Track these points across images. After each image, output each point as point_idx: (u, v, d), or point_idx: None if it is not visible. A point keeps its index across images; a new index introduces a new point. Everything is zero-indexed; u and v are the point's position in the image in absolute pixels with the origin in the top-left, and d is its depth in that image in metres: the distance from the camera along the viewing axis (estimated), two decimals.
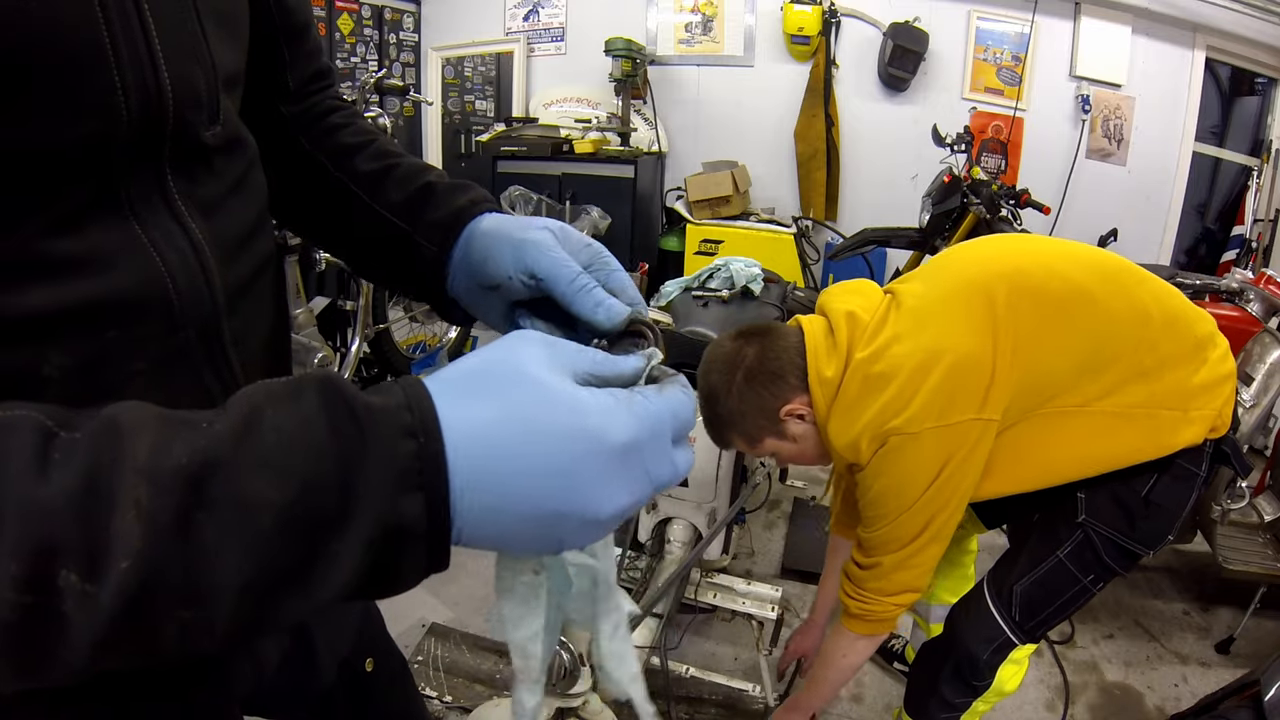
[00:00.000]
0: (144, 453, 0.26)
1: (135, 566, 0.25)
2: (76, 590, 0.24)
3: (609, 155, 3.72)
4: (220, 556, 0.26)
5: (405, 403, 0.30)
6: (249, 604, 0.27)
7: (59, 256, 0.34)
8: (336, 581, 0.29)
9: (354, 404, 0.29)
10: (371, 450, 0.29)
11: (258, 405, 0.29)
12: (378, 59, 4.29)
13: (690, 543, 1.63)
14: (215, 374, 0.42)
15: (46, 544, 0.24)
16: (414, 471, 0.29)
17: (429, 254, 0.50)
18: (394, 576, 0.31)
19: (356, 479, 0.28)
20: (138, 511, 0.25)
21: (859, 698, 1.75)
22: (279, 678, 0.58)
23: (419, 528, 0.29)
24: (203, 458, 0.27)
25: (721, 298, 1.74)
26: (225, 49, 0.42)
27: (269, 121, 0.55)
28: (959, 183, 3.03)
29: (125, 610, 0.25)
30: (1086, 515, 1.16)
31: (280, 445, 0.28)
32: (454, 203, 0.51)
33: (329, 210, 0.56)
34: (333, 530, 0.28)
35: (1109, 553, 1.16)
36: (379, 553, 0.29)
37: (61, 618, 0.24)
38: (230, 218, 0.44)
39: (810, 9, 3.78)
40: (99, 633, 0.25)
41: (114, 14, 0.34)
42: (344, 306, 2.60)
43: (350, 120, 0.58)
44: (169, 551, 0.25)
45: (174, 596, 0.26)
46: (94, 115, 0.34)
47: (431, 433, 0.29)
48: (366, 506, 0.28)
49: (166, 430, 0.27)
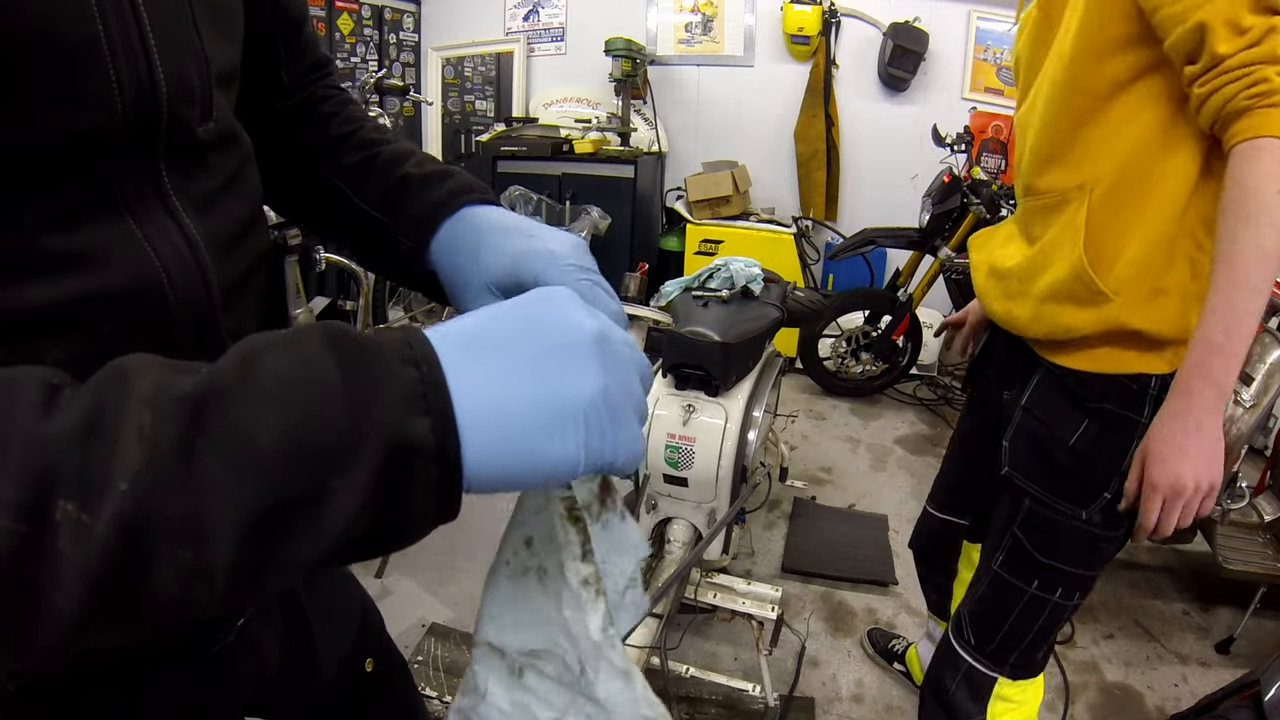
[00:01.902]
0: (149, 386, 0.26)
1: (133, 490, 0.24)
2: (73, 520, 0.24)
3: (609, 155, 3.72)
4: (222, 484, 0.25)
5: (404, 338, 0.31)
6: (251, 543, 0.26)
7: (55, 252, 0.34)
8: (344, 514, 0.28)
9: (354, 339, 0.30)
10: (376, 378, 0.29)
11: (260, 346, 0.29)
12: (378, 59, 4.29)
13: (690, 543, 1.63)
14: None
15: (46, 473, 0.24)
16: (418, 396, 0.29)
17: (406, 248, 0.51)
18: (404, 512, 0.30)
19: (360, 404, 0.28)
20: (139, 436, 0.25)
21: (859, 698, 1.75)
22: (279, 678, 0.58)
23: (428, 448, 0.29)
24: (206, 387, 0.27)
25: (721, 298, 1.74)
26: (219, 45, 0.42)
27: (263, 117, 0.56)
28: (959, 183, 3.04)
29: (121, 541, 0.24)
30: (1009, 466, 1.07)
31: (282, 377, 0.28)
32: (430, 197, 0.51)
33: (318, 203, 0.57)
34: (338, 457, 0.27)
35: (1039, 540, 1.04)
36: (388, 480, 0.28)
37: (56, 554, 0.24)
38: (225, 213, 0.44)
39: (810, 9, 3.78)
40: (94, 568, 0.24)
41: (108, 8, 0.34)
42: (344, 306, 2.60)
43: (339, 109, 0.59)
44: (169, 478, 0.25)
45: (172, 531, 0.25)
46: (89, 109, 0.34)
47: (431, 361, 0.30)
48: (373, 432, 0.28)
49: (171, 369, 0.27)
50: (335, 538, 0.28)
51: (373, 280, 2.65)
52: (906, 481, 2.78)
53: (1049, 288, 0.99)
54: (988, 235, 1.22)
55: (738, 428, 1.54)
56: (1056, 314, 0.99)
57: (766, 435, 1.82)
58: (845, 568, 2.20)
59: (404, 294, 3.09)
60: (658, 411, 1.57)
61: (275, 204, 0.61)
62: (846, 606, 2.07)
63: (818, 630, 1.96)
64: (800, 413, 3.25)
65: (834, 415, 3.32)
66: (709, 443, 1.53)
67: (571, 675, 0.39)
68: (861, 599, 2.10)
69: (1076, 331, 0.97)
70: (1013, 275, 1.08)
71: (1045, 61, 0.99)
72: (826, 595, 2.11)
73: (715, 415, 1.55)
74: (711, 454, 1.53)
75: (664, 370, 1.63)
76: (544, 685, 0.40)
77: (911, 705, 1.72)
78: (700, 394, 1.58)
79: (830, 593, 2.12)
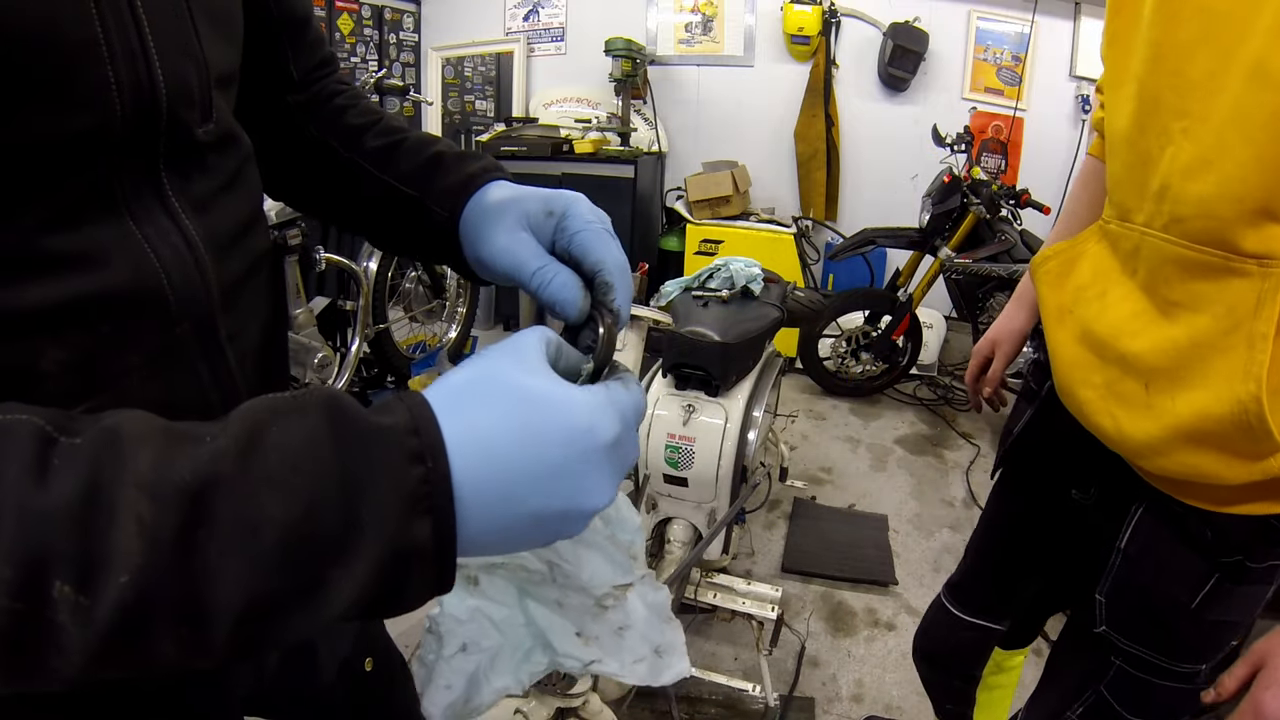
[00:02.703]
0: (146, 467, 0.26)
1: (134, 582, 0.24)
2: (70, 601, 0.24)
3: (609, 155, 3.72)
4: (222, 576, 0.26)
5: (412, 425, 0.30)
6: (250, 625, 0.27)
7: (55, 252, 0.35)
8: (341, 604, 0.28)
9: (360, 424, 0.29)
10: (380, 475, 0.28)
11: (262, 421, 0.28)
12: (378, 59, 4.29)
13: (690, 543, 1.63)
14: (211, 368, 0.43)
15: (41, 552, 0.24)
16: (423, 496, 0.29)
17: (440, 219, 0.51)
18: (399, 599, 0.30)
19: (363, 502, 0.28)
20: (139, 527, 0.25)
21: (859, 698, 1.75)
22: (279, 678, 0.58)
23: (427, 550, 0.29)
24: (206, 474, 0.26)
25: (721, 298, 1.74)
26: (218, 47, 0.43)
27: (276, 112, 0.56)
28: (959, 183, 3.04)
29: (121, 625, 0.25)
30: (1107, 625, 0.84)
31: (284, 464, 0.27)
32: (464, 170, 0.52)
33: (340, 188, 0.57)
34: (338, 553, 0.28)
35: (1132, 699, 0.84)
36: (386, 576, 0.29)
37: (55, 627, 0.24)
38: (224, 214, 0.44)
39: (810, 9, 3.78)
40: (93, 645, 0.25)
41: (107, 10, 0.34)
42: (344, 306, 2.60)
43: (355, 101, 0.59)
44: (169, 569, 0.25)
45: (172, 615, 0.25)
46: (88, 110, 0.34)
47: (438, 455, 0.29)
48: (375, 531, 0.28)
49: (169, 444, 0.27)
50: (332, 619, 0.29)
51: (373, 280, 2.65)
52: (906, 481, 2.78)
53: (1193, 421, 0.67)
54: (1068, 260, 0.84)
55: (738, 428, 1.54)
56: (1197, 459, 0.69)
57: (766, 435, 1.82)
58: (845, 568, 2.20)
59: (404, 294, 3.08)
60: (658, 411, 1.57)
61: (291, 197, 0.61)
62: (846, 606, 2.07)
63: (818, 630, 1.96)
64: (800, 413, 3.25)
65: (834, 415, 3.32)
66: (709, 443, 1.53)
67: (540, 575, 0.42)
68: (861, 599, 2.10)
69: (1221, 480, 0.69)
70: (1132, 367, 0.73)
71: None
72: (826, 595, 2.11)
73: (715, 415, 1.55)
74: (711, 454, 1.53)
75: (664, 370, 1.63)
76: (495, 587, 0.43)
77: (911, 705, 1.73)
78: (700, 394, 1.58)
79: (830, 593, 2.12)
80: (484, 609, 0.43)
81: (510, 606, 0.44)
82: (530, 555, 0.42)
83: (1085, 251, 0.83)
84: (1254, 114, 0.59)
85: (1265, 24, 0.57)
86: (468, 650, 0.44)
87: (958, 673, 1.23)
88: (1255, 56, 0.58)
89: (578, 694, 1.19)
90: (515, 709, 1.25)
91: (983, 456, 2.97)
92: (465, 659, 0.44)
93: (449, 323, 3.37)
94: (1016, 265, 2.93)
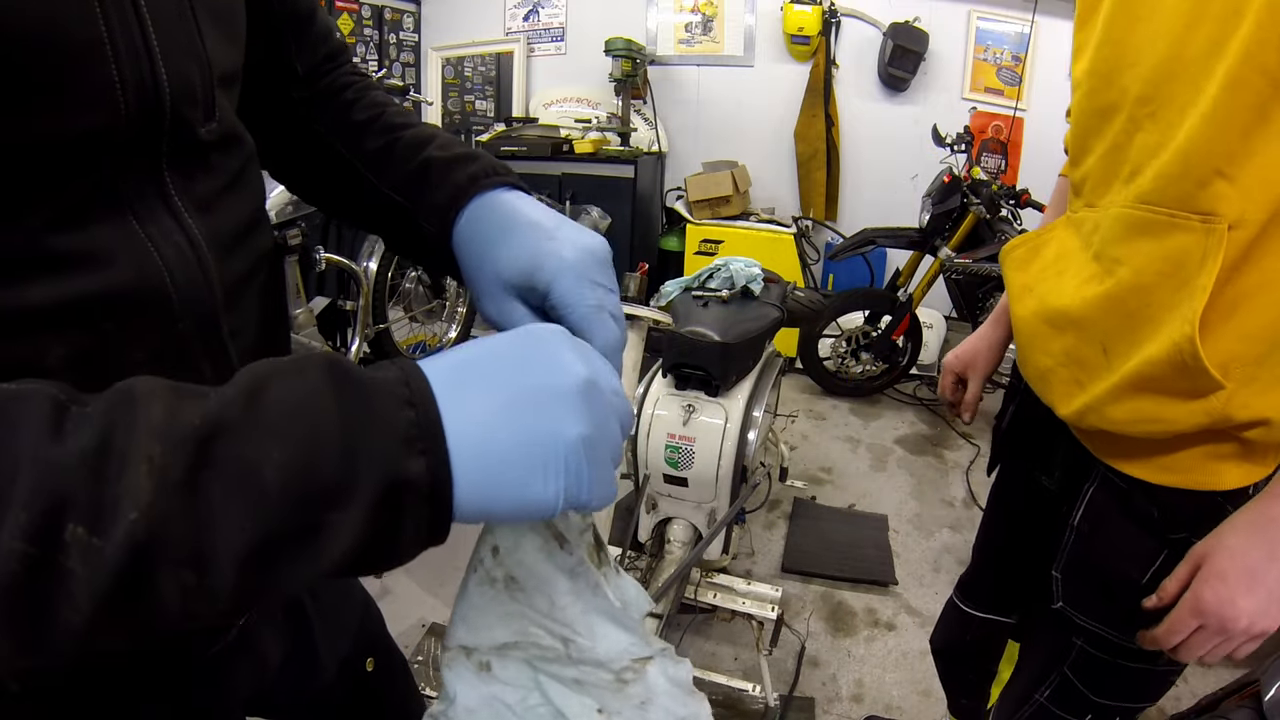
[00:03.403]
0: (158, 415, 0.27)
1: (144, 518, 0.25)
2: (83, 543, 0.25)
3: (609, 155, 3.72)
4: (225, 515, 0.27)
5: (403, 377, 0.32)
6: (251, 568, 0.28)
7: (60, 251, 0.35)
8: (340, 546, 0.29)
9: (356, 376, 0.31)
10: (374, 417, 0.30)
11: (264, 378, 0.30)
12: (378, 59, 4.29)
13: (690, 543, 1.63)
14: (214, 366, 0.43)
15: (57, 498, 0.25)
16: (414, 438, 0.31)
17: (430, 233, 0.51)
18: (395, 542, 0.31)
19: (360, 443, 0.29)
20: (149, 467, 0.26)
21: (859, 698, 1.75)
22: (280, 678, 0.58)
23: (422, 484, 0.31)
24: (213, 420, 0.28)
25: (721, 298, 1.74)
26: (221, 47, 0.43)
27: (282, 107, 0.56)
28: (959, 183, 3.04)
29: (129, 565, 0.25)
30: (1063, 602, 0.86)
31: (285, 412, 0.29)
32: (451, 182, 0.51)
33: (342, 189, 0.57)
34: (337, 493, 0.29)
35: (1095, 680, 0.85)
36: (383, 515, 0.30)
37: (65, 573, 0.25)
38: (227, 214, 0.45)
39: (810, 9, 3.78)
40: (102, 588, 0.25)
41: (111, 10, 0.34)
42: (344, 306, 2.60)
43: (362, 94, 0.58)
44: (176, 507, 0.26)
45: (178, 556, 0.26)
46: (94, 110, 0.35)
47: (428, 401, 0.31)
48: (371, 469, 0.29)
49: (179, 398, 0.28)
50: (331, 564, 0.30)
51: (373, 280, 2.65)
52: (906, 481, 2.78)
53: (1137, 368, 0.69)
54: (1034, 247, 0.89)
55: (738, 428, 1.54)
56: (1140, 403, 0.71)
57: (766, 435, 1.82)
58: (845, 568, 2.20)
59: (404, 294, 3.09)
60: (658, 411, 1.58)
61: (300, 191, 0.61)
62: (846, 606, 2.07)
63: (818, 630, 1.96)
64: (800, 413, 3.26)
65: (834, 415, 3.32)
66: (709, 443, 1.53)
67: (555, 653, 0.41)
68: (861, 599, 2.10)
69: (1165, 425, 0.70)
70: (1086, 331, 0.76)
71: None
72: (826, 595, 2.11)
73: (715, 415, 1.55)
74: (711, 454, 1.53)
75: (664, 370, 1.63)
76: (509, 670, 0.42)
77: (911, 705, 1.73)
78: (700, 394, 1.58)
79: (830, 593, 2.12)
80: (499, 695, 0.42)
81: (526, 689, 0.42)
82: (543, 632, 0.41)
83: (1051, 238, 0.86)
84: (1217, 84, 0.62)
85: (1215, 10, 0.62)
86: None
87: (973, 667, 1.25)
88: (1209, 35, 0.62)
89: None
90: None
91: (982, 456, 2.97)
92: None
93: (449, 323, 3.38)
94: None
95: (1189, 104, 0.64)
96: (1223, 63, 0.61)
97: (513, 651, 0.41)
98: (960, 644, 1.23)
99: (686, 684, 0.44)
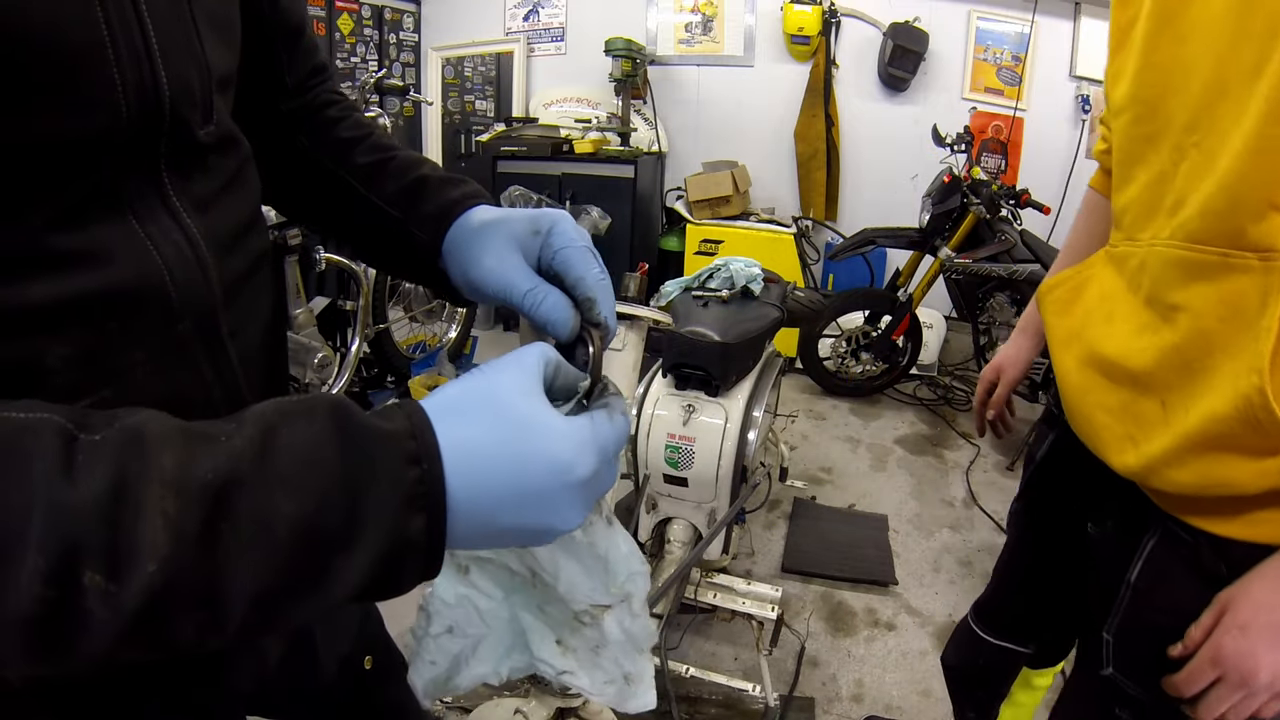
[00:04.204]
0: (170, 466, 0.28)
1: (161, 571, 0.27)
2: (100, 589, 0.26)
3: (609, 155, 3.72)
4: (239, 566, 0.28)
5: (410, 430, 0.33)
6: (261, 609, 0.30)
7: (61, 250, 0.35)
8: (343, 591, 0.31)
9: (363, 428, 0.32)
10: (380, 475, 0.31)
11: (273, 424, 0.31)
12: (378, 59, 4.29)
13: (690, 543, 1.63)
14: (213, 364, 0.43)
15: (73, 544, 0.25)
16: (419, 495, 0.32)
17: (422, 243, 0.52)
18: (394, 585, 0.34)
19: (366, 499, 0.31)
20: (165, 520, 0.27)
21: (859, 698, 1.75)
22: (279, 676, 0.58)
23: (420, 543, 0.33)
24: (226, 473, 0.29)
25: (721, 298, 1.74)
26: (219, 51, 0.43)
27: (268, 118, 0.57)
28: (959, 183, 3.04)
29: (146, 610, 0.27)
30: (1114, 668, 0.76)
31: (296, 464, 0.30)
32: (446, 195, 0.53)
33: (328, 202, 0.58)
34: (342, 545, 0.31)
35: None
36: (384, 565, 0.32)
37: (84, 612, 0.26)
38: (225, 214, 0.45)
39: (810, 9, 3.78)
40: (119, 629, 0.27)
41: (113, 14, 0.35)
42: (344, 306, 2.60)
43: (347, 114, 0.60)
44: (192, 559, 0.27)
45: (192, 601, 0.28)
46: (95, 111, 0.35)
47: (433, 458, 0.33)
48: (376, 525, 0.31)
49: (189, 444, 0.29)
50: (334, 603, 0.32)
51: (373, 280, 2.65)
52: (906, 481, 2.78)
53: (1202, 425, 0.63)
54: (1074, 286, 0.82)
55: (738, 428, 1.54)
56: (1209, 465, 0.64)
57: (766, 435, 1.82)
58: (845, 568, 2.21)
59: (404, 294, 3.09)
60: (658, 411, 1.58)
61: (281, 205, 0.62)
62: (846, 606, 2.07)
63: (818, 630, 1.96)
64: (800, 413, 3.26)
65: (834, 415, 3.32)
66: (709, 443, 1.53)
67: (523, 579, 0.45)
68: (861, 599, 2.10)
69: (1236, 486, 0.64)
70: (1145, 385, 0.69)
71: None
72: (826, 595, 2.11)
73: (715, 415, 1.55)
74: (711, 454, 1.53)
75: (664, 370, 1.63)
76: (485, 579, 0.46)
77: (911, 705, 1.73)
78: (700, 394, 1.58)
79: (830, 593, 2.12)
80: (471, 598, 0.46)
81: (496, 600, 0.46)
82: (513, 558, 0.45)
83: (1092, 276, 0.80)
84: (1257, 108, 0.58)
85: (1258, 28, 0.58)
86: (453, 633, 0.46)
87: (984, 685, 1.21)
88: (1252, 55, 0.59)
89: (578, 694, 1.19)
90: (515, 709, 1.25)
91: (983, 456, 2.97)
92: (450, 640, 0.46)
93: (449, 323, 3.38)
94: (1016, 265, 2.93)
95: (1232, 129, 0.59)
96: (1264, 83, 0.56)
97: (488, 565, 0.45)
98: (974, 667, 1.18)
99: (640, 642, 0.46)
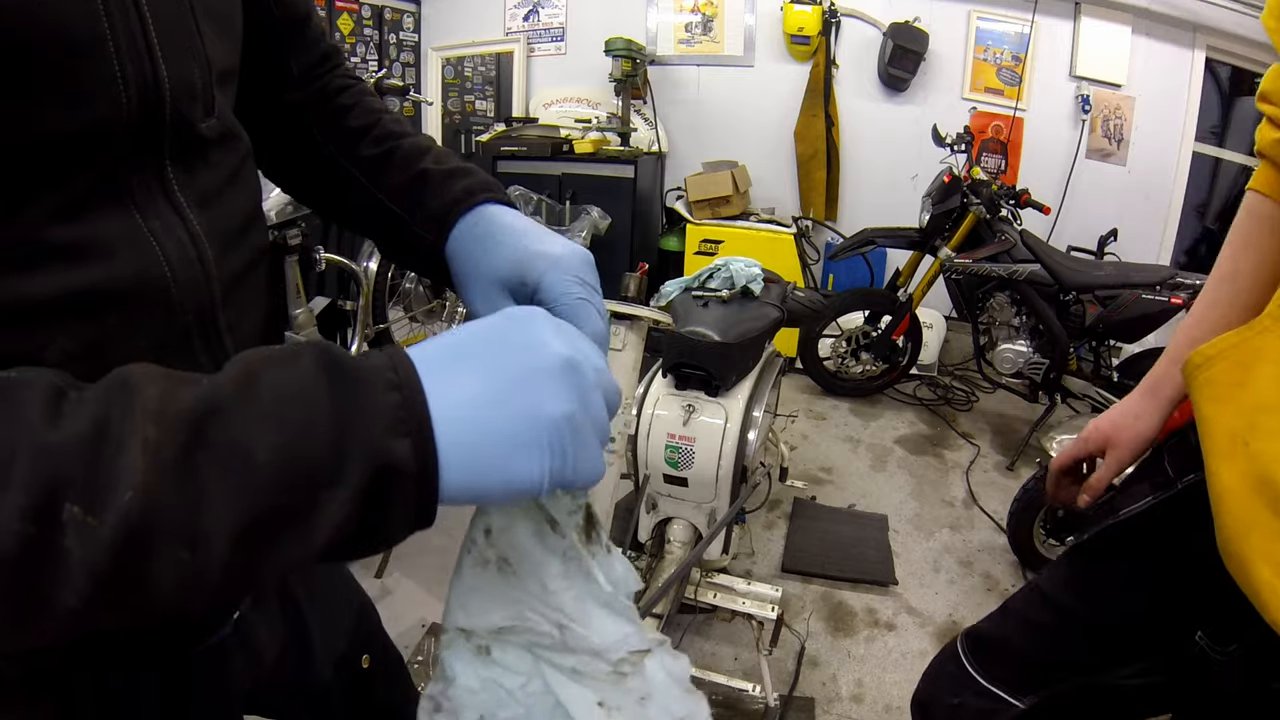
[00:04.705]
0: (154, 396, 0.28)
1: (138, 497, 0.26)
2: (78, 522, 0.25)
3: (609, 155, 3.72)
4: (219, 495, 0.27)
5: (389, 363, 0.33)
6: (243, 547, 0.28)
7: (63, 244, 0.35)
8: (329, 526, 0.30)
9: (345, 362, 0.32)
10: (362, 401, 0.31)
11: (257, 364, 0.31)
12: (378, 59, 4.29)
13: (690, 543, 1.63)
14: (212, 359, 0.43)
15: (54, 480, 0.25)
16: (400, 420, 0.31)
17: (426, 244, 0.52)
18: (384, 523, 0.32)
19: (348, 429, 0.30)
20: (144, 447, 0.26)
21: (859, 698, 1.75)
22: (276, 674, 0.58)
23: (408, 468, 0.31)
24: (208, 402, 0.28)
25: (721, 298, 1.74)
26: (219, 45, 0.44)
27: (276, 109, 0.57)
28: (959, 183, 3.04)
29: (124, 544, 0.26)
30: None
31: (277, 396, 0.30)
32: (448, 193, 0.52)
33: (336, 194, 0.58)
34: (326, 475, 0.30)
35: None
36: (371, 496, 0.31)
37: (63, 552, 0.25)
38: (226, 209, 0.45)
39: (810, 9, 3.78)
40: (98, 566, 0.26)
41: (114, 8, 0.35)
42: (344, 306, 2.60)
43: (357, 100, 0.59)
44: (170, 488, 0.27)
45: (172, 535, 0.27)
46: (95, 105, 0.35)
47: (413, 385, 0.32)
48: (359, 451, 0.30)
49: (173, 382, 0.29)
50: (321, 544, 0.30)
51: (373, 280, 2.65)
52: (906, 481, 2.78)
53: None
54: (1239, 363, 0.60)
55: (738, 428, 1.54)
56: None
57: (766, 435, 1.82)
58: (845, 568, 2.20)
59: (404, 294, 3.09)
60: (658, 411, 1.57)
61: (295, 193, 0.62)
62: (846, 606, 2.07)
63: (818, 630, 1.96)
64: (800, 413, 3.26)
65: (834, 415, 3.32)
66: (709, 443, 1.53)
67: (551, 640, 0.41)
68: (861, 599, 2.10)
69: None
70: None
71: None
72: (826, 595, 2.11)
73: (715, 415, 1.55)
74: (711, 454, 1.53)
75: (664, 370, 1.63)
76: (509, 656, 0.42)
77: None
78: (700, 394, 1.58)
79: (830, 593, 2.12)
80: (498, 678, 0.41)
81: (526, 674, 0.42)
82: (538, 617, 0.40)
83: (1264, 349, 0.58)
84: None
85: None
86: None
87: None
88: None
89: None
90: None
91: (983, 457, 2.97)
92: None
93: (449, 323, 3.37)
94: (1016, 265, 2.92)
95: None
96: None
97: (511, 636, 0.41)
98: (944, 709, 0.94)
99: (684, 680, 0.44)
